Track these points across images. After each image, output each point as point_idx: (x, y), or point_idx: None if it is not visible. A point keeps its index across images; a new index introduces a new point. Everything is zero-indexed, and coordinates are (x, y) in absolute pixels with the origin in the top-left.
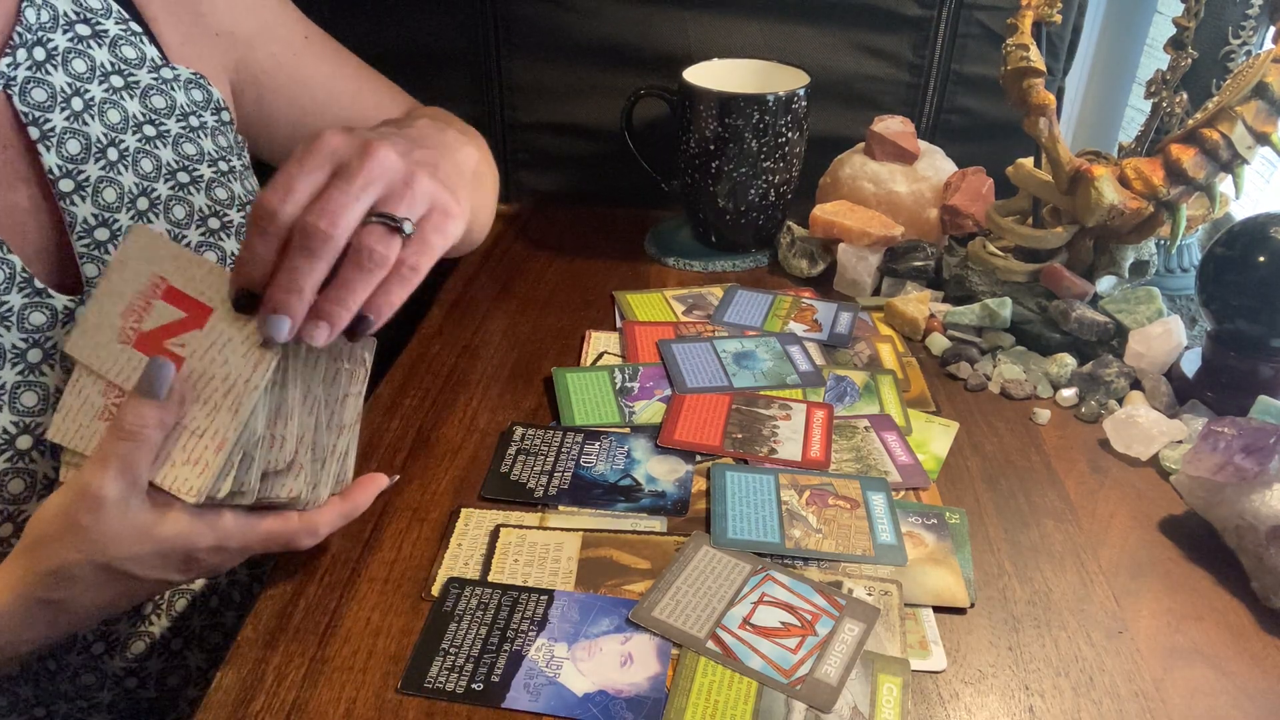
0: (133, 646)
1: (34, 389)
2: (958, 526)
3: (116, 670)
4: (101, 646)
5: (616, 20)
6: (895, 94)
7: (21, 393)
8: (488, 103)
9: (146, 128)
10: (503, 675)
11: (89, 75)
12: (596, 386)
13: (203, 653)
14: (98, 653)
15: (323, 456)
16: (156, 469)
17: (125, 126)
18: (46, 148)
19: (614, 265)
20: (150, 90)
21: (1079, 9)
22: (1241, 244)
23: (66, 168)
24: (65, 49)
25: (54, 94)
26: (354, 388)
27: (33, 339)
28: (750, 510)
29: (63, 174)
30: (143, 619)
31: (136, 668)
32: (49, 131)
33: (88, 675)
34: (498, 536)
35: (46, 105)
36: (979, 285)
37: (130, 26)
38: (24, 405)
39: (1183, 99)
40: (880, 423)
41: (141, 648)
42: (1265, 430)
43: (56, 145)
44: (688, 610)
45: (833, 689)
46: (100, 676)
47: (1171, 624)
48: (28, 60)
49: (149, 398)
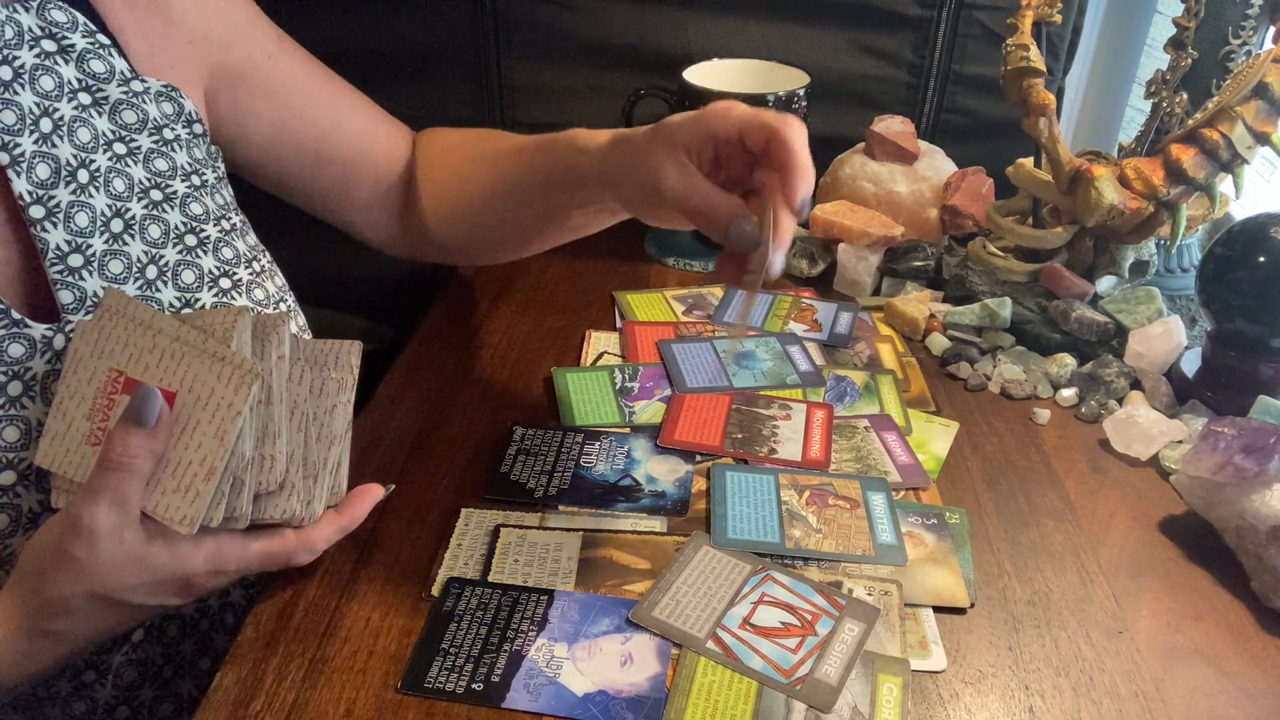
0: (124, 675)
1: (15, 423)
2: (958, 526)
3: (108, 699)
4: (92, 675)
5: (616, 20)
6: (895, 94)
7: (3, 428)
8: (488, 103)
9: (117, 145)
10: (503, 675)
11: (57, 93)
12: (596, 387)
13: (193, 680)
14: (88, 680)
15: (314, 471)
16: (148, 496)
17: (96, 145)
18: (16, 174)
19: (614, 265)
20: (120, 105)
21: (1079, 9)
22: (1241, 244)
23: (36, 194)
24: (33, 65)
25: (22, 116)
26: (342, 396)
27: (12, 371)
28: (750, 510)
29: (33, 200)
30: (133, 646)
31: (128, 696)
32: (19, 157)
33: (79, 703)
34: (498, 536)
35: (15, 129)
36: (979, 285)
37: (98, 39)
38: (5, 440)
39: (1183, 99)
40: (880, 423)
41: (133, 676)
42: (1265, 430)
43: (26, 171)
44: (687, 610)
45: (833, 689)
46: (91, 705)
47: (1171, 624)
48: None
49: (137, 426)
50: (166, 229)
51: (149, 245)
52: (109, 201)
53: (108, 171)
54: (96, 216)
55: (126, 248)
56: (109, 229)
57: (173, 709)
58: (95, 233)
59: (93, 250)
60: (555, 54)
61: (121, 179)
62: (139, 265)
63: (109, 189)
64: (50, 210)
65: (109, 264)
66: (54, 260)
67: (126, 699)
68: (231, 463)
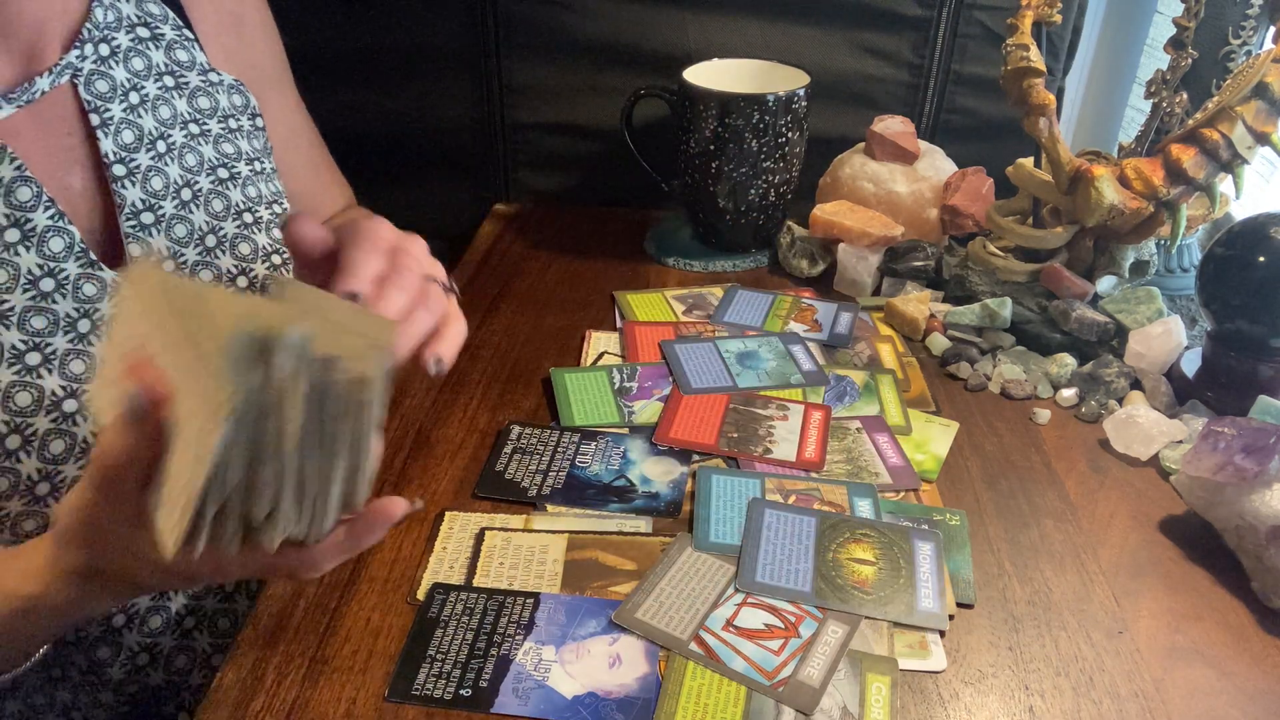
0: (150, 621)
1: (82, 357)
2: (958, 527)
3: (132, 645)
4: (122, 619)
5: (616, 20)
6: (895, 94)
7: (71, 360)
8: (488, 103)
9: (191, 125)
10: (491, 680)
11: (145, 73)
12: (595, 387)
13: (211, 636)
14: (118, 625)
15: (319, 490)
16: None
17: (174, 122)
18: (104, 134)
19: (614, 265)
20: (198, 91)
21: (1079, 9)
22: (1241, 244)
23: (120, 154)
24: (127, 47)
25: (114, 87)
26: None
27: (83, 309)
28: (734, 514)
29: (116, 159)
30: (162, 594)
31: (150, 644)
32: (108, 120)
33: (104, 648)
34: (482, 540)
35: (107, 96)
36: (979, 285)
37: (184, 33)
38: (72, 371)
39: (1183, 99)
40: (872, 424)
41: (158, 623)
42: (1265, 430)
43: (114, 133)
44: (670, 612)
45: (814, 691)
46: (115, 650)
47: (1171, 624)
48: (94, 55)
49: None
50: (228, 205)
51: (211, 216)
52: (181, 172)
53: (182, 147)
54: (170, 183)
55: (191, 215)
56: (179, 196)
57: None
58: (167, 197)
59: (163, 211)
60: (555, 54)
61: (193, 155)
62: (200, 233)
63: (182, 162)
64: (131, 170)
65: (175, 227)
66: (129, 215)
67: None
68: (212, 489)
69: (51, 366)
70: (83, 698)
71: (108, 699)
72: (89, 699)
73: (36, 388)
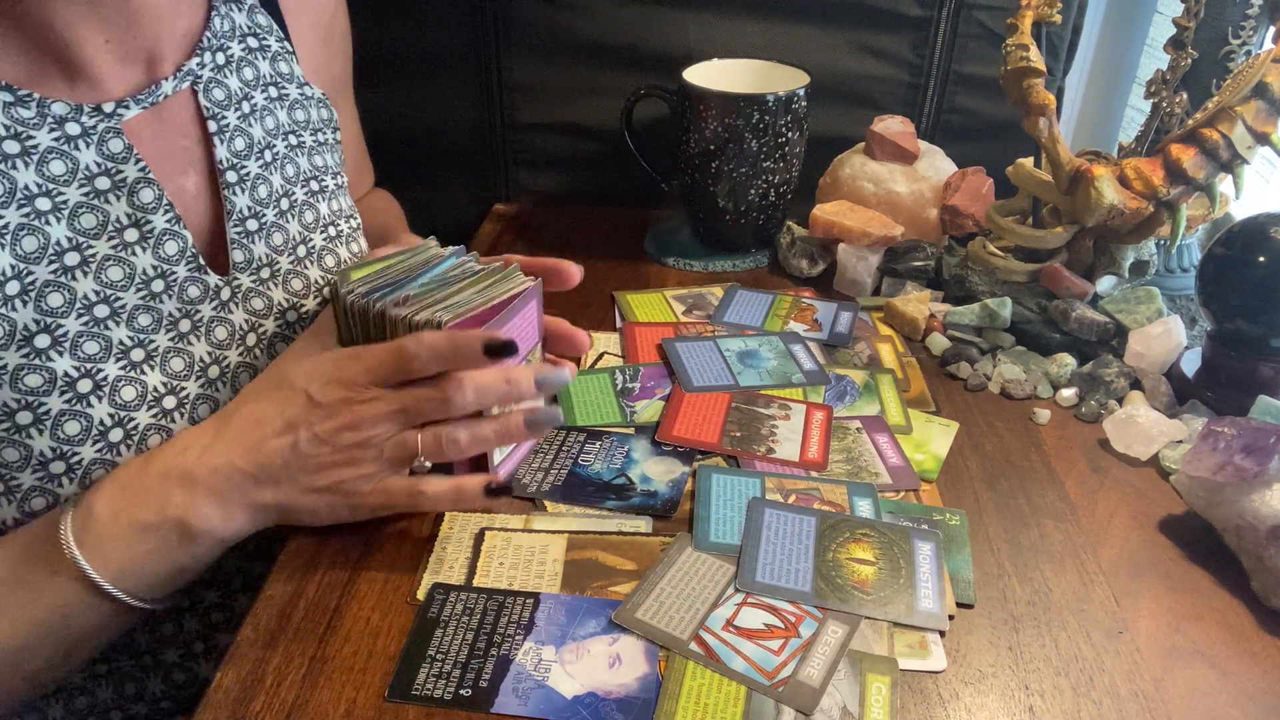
0: (212, 615)
1: (181, 355)
2: (957, 527)
3: (191, 630)
4: (187, 602)
5: (616, 20)
6: (895, 94)
7: (171, 358)
8: (488, 103)
9: (290, 136)
10: (491, 680)
11: (255, 83)
12: (597, 388)
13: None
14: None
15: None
16: None
17: (277, 133)
18: (220, 140)
19: (614, 265)
20: (295, 104)
21: (1079, 9)
22: (1241, 244)
23: (232, 161)
24: (239, 57)
25: (229, 95)
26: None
27: (185, 310)
28: (734, 514)
29: (229, 166)
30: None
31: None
32: (224, 127)
33: (168, 625)
34: (482, 540)
35: (223, 103)
36: (979, 285)
37: (286, 45)
38: (172, 369)
39: (1183, 99)
40: (872, 424)
41: (219, 617)
42: (1265, 430)
43: (228, 140)
44: (670, 612)
45: (814, 691)
46: (177, 628)
47: (1171, 624)
48: (212, 63)
49: None
50: (318, 217)
51: (303, 227)
52: (282, 182)
53: (283, 157)
54: (273, 192)
55: (287, 225)
56: (279, 205)
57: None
58: (270, 205)
59: (265, 219)
60: (555, 54)
61: (292, 165)
62: (293, 243)
63: (283, 172)
64: (241, 177)
65: (273, 235)
66: (236, 221)
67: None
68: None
69: (154, 363)
70: (129, 688)
71: (154, 688)
72: (134, 690)
73: (140, 383)
